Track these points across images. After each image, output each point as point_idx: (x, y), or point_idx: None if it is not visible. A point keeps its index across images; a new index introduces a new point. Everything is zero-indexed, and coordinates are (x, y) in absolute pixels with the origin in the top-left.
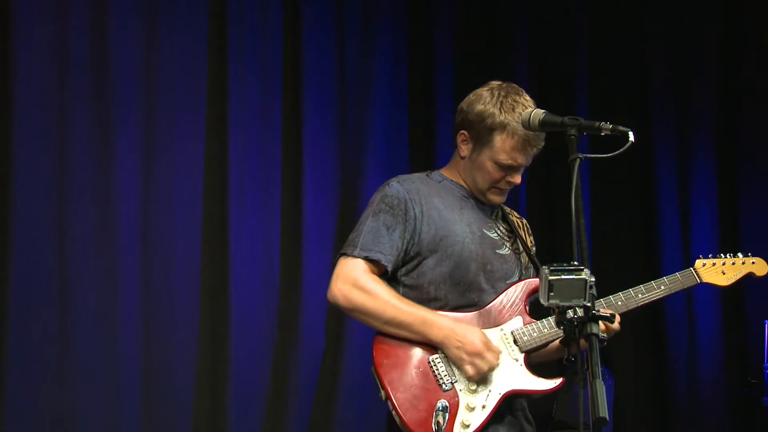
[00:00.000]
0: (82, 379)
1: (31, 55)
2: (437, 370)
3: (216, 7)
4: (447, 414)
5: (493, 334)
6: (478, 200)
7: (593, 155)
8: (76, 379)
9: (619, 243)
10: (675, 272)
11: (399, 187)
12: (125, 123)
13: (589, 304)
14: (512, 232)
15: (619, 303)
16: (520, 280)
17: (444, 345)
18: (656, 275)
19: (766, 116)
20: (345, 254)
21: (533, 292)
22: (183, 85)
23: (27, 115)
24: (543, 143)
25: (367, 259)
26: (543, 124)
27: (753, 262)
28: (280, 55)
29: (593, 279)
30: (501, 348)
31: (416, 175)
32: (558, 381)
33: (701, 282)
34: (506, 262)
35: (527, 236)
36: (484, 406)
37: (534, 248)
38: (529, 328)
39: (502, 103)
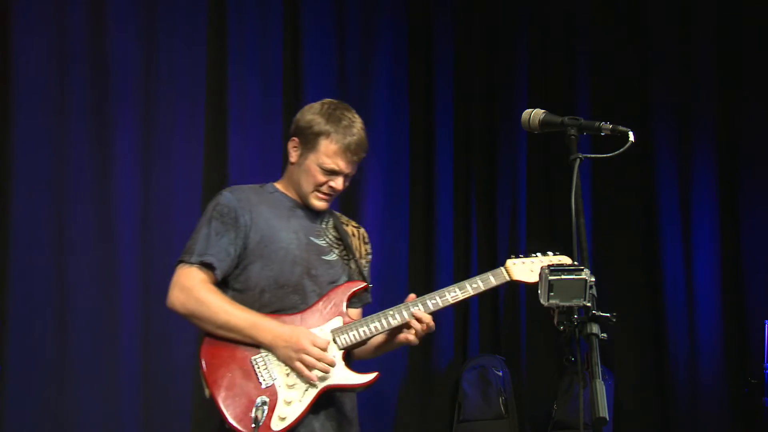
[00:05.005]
0: (82, 379)
1: (31, 55)
2: (258, 368)
3: (216, 7)
4: (266, 408)
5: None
6: (308, 210)
7: (593, 155)
8: (76, 379)
9: (619, 243)
10: (487, 271)
11: (230, 196)
12: (125, 123)
13: (589, 304)
14: (341, 240)
15: (434, 302)
16: (343, 283)
17: (273, 346)
18: (657, 275)
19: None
20: (182, 261)
21: (354, 295)
22: (183, 86)
23: (27, 115)
24: (364, 154)
25: (201, 263)
26: (543, 124)
27: (560, 260)
28: (280, 55)
29: (593, 279)
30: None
31: (249, 186)
32: (372, 375)
33: (511, 280)
34: (332, 267)
35: (362, 244)
36: (300, 401)
37: (369, 255)
38: (347, 327)
39: (330, 114)
